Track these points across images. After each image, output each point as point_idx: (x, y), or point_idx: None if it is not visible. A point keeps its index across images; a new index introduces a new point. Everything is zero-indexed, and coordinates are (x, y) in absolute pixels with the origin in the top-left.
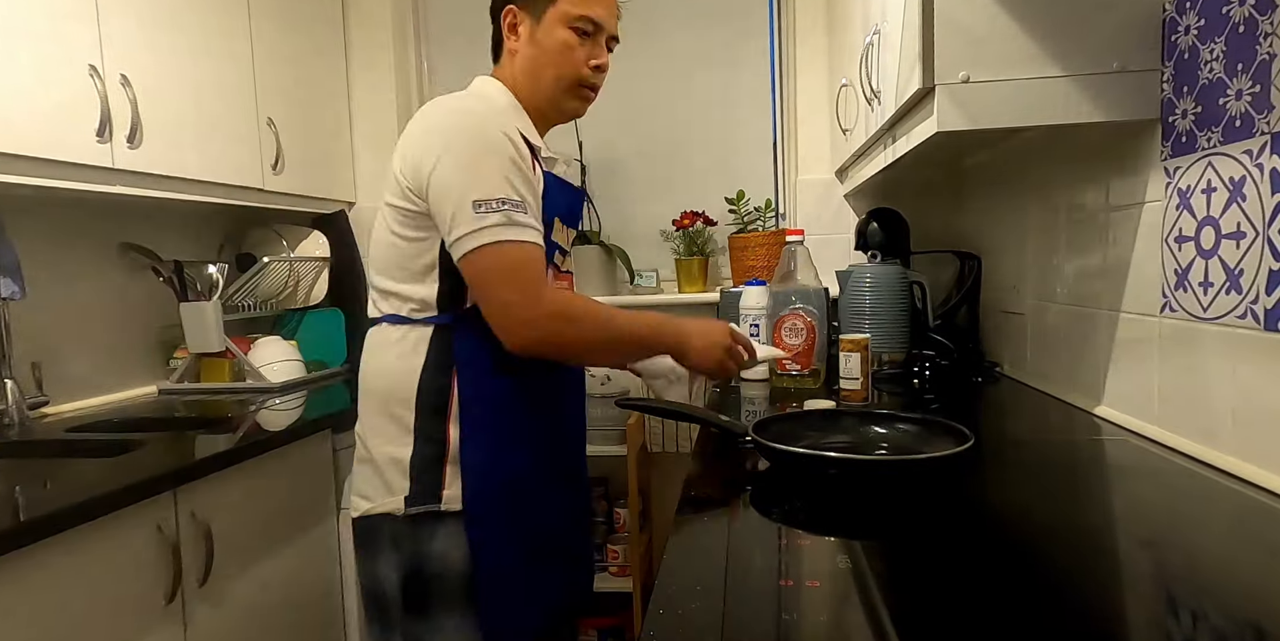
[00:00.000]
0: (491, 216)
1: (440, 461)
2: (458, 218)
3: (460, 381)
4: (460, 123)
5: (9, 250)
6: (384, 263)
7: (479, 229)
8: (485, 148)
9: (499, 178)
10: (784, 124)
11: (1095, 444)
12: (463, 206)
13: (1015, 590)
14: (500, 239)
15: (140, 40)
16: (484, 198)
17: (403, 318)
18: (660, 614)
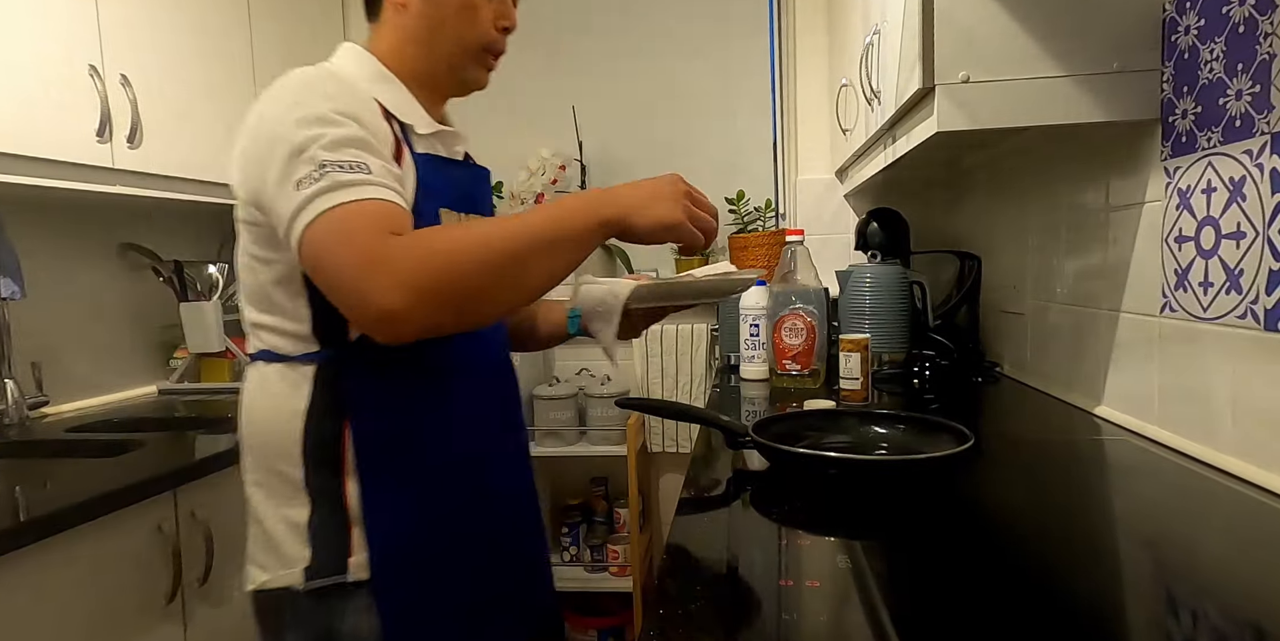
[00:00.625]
0: (311, 188)
1: (343, 524)
2: (283, 207)
3: (355, 427)
4: (276, 105)
5: (9, 250)
6: (248, 290)
7: (301, 207)
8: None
9: (319, 143)
10: (784, 124)
11: (1095, 444)
12: (284, 194)
13: (1015, 590)
14: (327, 206)
15: (140, 40)
16: (304, 173)
17: (278, 355)
18: (660, 614)
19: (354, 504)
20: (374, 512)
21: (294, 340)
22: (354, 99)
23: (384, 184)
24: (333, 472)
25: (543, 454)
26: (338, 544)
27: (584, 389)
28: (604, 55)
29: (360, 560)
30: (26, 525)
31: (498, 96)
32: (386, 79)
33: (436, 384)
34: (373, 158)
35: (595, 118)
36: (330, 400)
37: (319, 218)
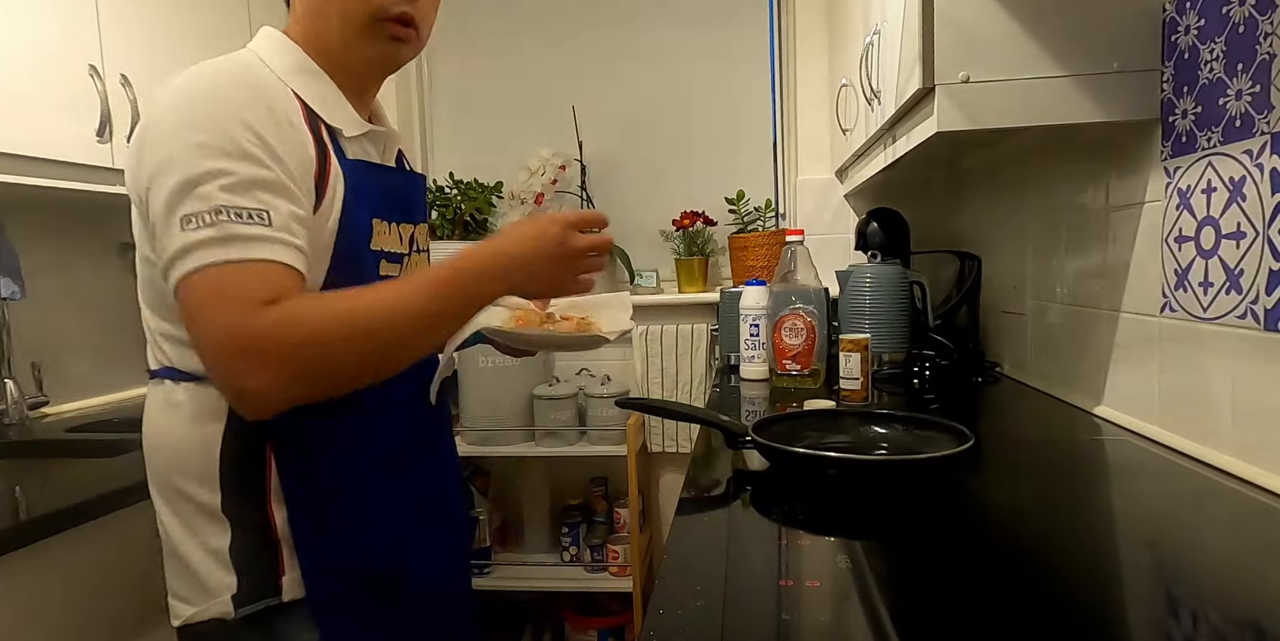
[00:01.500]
0: (199, 232)
1: (269, 545)
2: (165, 239)
3: (279, 452)
4: (174, 112)
5: (9, 250)
6: (145, 287)
7: (183, 252)
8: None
9: (217, 178)
10: (784, 124)
11: (1095, 444)
12: (169, 226)
13: (1015, 590)
14: (209, 261)
15: (140, 40)
16: (193, 211)
17: (185, 373)
18: (660, 614)
19: (281, 527)
20: (304, 534)
21: (193, 356)
22: (273, 107)
23: (281, 240)
24: (255, 497)
25: (543, 454)
26: (265, 565)
27: (584, 389)
28: (604, 55)
29: (293, 578)
30: (26, 525)
31: (498, 96)
32: (309, 71)
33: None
34: (280, 202)
35: (595, 118)
36: (250, 424)
37: (198, 272)
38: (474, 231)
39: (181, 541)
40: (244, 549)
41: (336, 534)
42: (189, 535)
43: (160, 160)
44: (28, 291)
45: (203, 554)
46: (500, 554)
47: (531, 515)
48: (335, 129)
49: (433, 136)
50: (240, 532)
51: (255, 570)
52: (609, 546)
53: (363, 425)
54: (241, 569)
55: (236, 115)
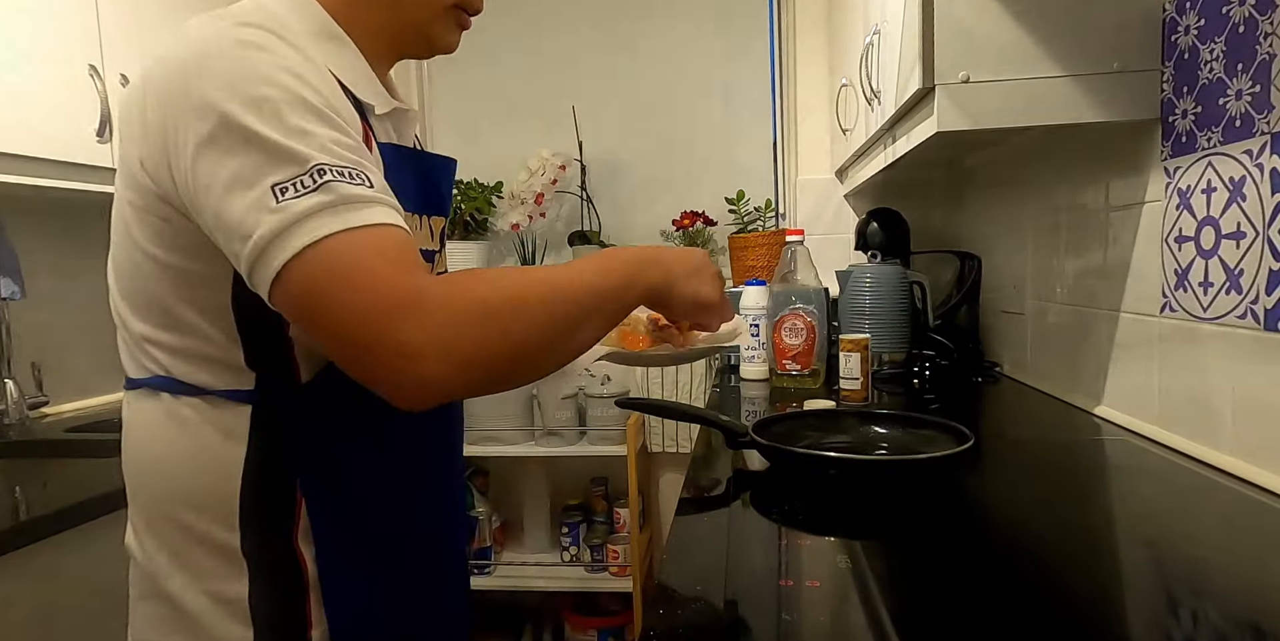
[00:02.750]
0: (305, 199)
1: (297, 595)
2: (244, 226)
3: (307, 479)
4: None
5: (9, 250)
6: (130, 292)
7: (285, 229)
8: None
9: (300, 137)
10: (784, 124)
11: (1095, 444)
12: (247, 206)
13: (1015, 590)
14: (329, 231)
15: (140, 40)
16: (287, 177)
17: (188, 385)
18: (660, 614)
19: (309, 570)
20: (333, 580)
21: (213, 369)
22: (316, 72)
23: (393, 205)
24: (281, 535)
25: (543, 454)
26: (291, 618)
27: (584, 389)
28: (604, 55)
29: (322, 632)
30: (26, 525)
31: (498, 96)
32: (335, 37)
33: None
34: (372, 168)
35: (595, 118)
36: (276, 450)
37: (315, 246)
38: (474, 231)
39: (178, 586)
40: (266, 598)
41: (370, 575)
42: (191, 579)
43: (210, 122)
44: (28, 291)
45: (208, 601)
46: (500, 554)
47: (531, 515)
48: (366, 105)
49: (433, 136)
50: (262, 577)
51: (278, 623)
52: (609, 546)
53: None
54: (261, 621)
55: (292, 68)
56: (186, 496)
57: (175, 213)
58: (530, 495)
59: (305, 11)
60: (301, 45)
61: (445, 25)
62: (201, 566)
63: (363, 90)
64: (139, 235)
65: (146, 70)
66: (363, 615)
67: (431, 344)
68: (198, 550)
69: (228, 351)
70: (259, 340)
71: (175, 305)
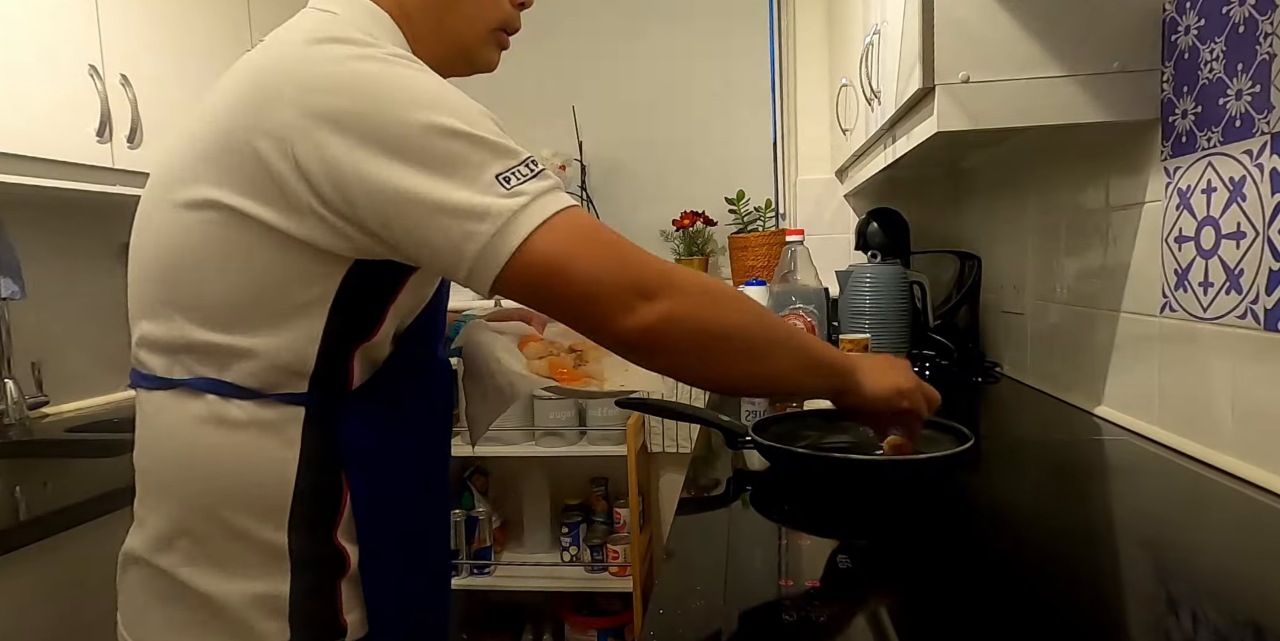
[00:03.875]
0: (533, 183)
1: (331, 585)
2: (479, 209)
3: (354, 481)
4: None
5: (9, 250)
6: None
7: (524, 206)
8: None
9: (501, 135)
10: (784, 124)
11: (1095, 444)
12: (476, 192)
13: (1015, 590)
14: (563, 205)
15: (140, 40)
16: (508, 167)
17: (241, 388)
18: (660, 614)
19: (352, 563)
20: (374, 575)
21: (272, 376)
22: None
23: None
24: (324, 532)
25: (543, 454)
26: (326, 608)
27: None
28: (604, 55)
29: (358, 617)
30: (26, 525)
31: (498, 96)
32: (406, 48)
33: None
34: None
35: (595, 118)
36: (326, 450)
37: (558, 215)
38: None
39: (215, 586)
40: (304, 592)
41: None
42: (227, 578)
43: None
44: (28, 291)
45: (242, 600)
46: (500, 554)
47: (531, 515)
48: None
49: None
50: (304, 573)
51: (313, 616)
52: (609, 546)
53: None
54: (297, 616)
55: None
56: (235, 497)
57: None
58: (530, 495)
59: (385, 27)
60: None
61: (490, 46)
62: (244, 565)
63: None
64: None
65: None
66: (395, 605)
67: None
68: (242, 549)
69: (300, 355)
70: (333, 347)
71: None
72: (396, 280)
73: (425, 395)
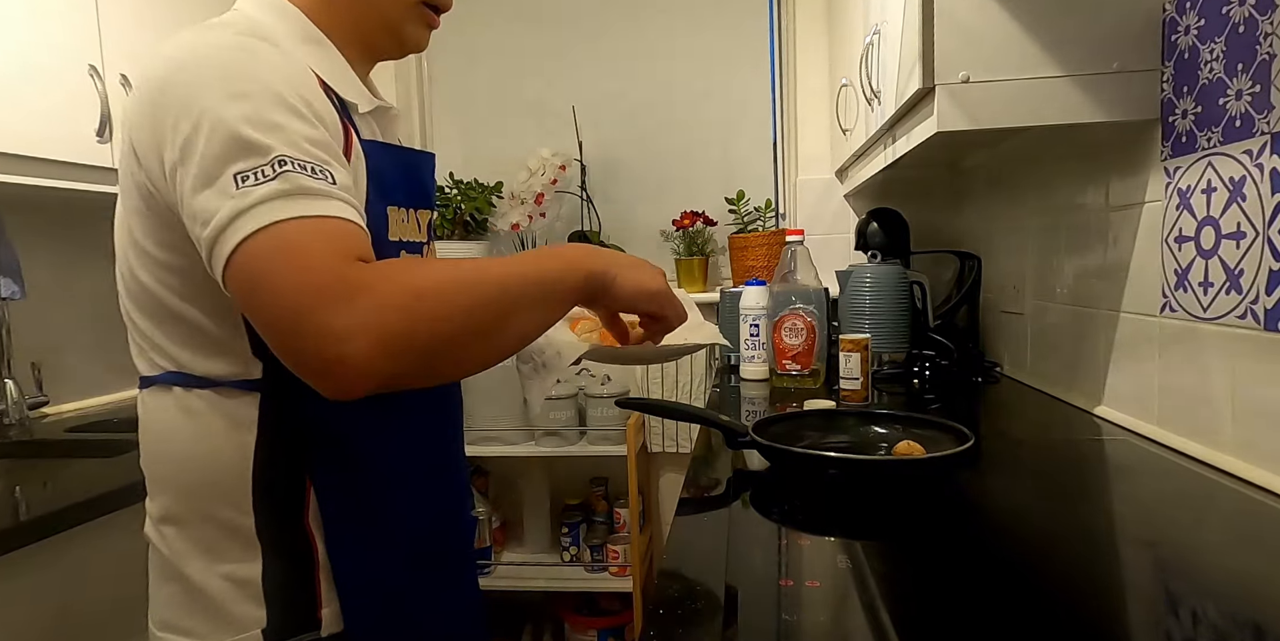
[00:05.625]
0: (262, 187)
1: (307, 574)
2: (206, 212)
3: (314, 461)
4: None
5: (9, 250)
6: (136, 293)
7: (240, 213)
8: (241, 95)
9: (271, 131)
10: (784, 124)
11: (1095, 444)
12: (214, 188)
13: (1015, 590)
14: (280, 217)
15: (140, 40)
16: (249, 166)
17: (199, 378)
18: (660, 614)
19: (321, 551)
20: (342, 558)
21: (222, 363)
22: (300, 68)
23: (350, 202)
24: (291, 516)
25: (543, 454)
26: (302, 597)
27: (584, 389)
28: (604, 55)
29: (333, 610)
30: (27, 525)
31: (498, 96)
32: (318, 41)
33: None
34: (335, 164)
35: (595, 118)
36: (284, 433)
37: (265, 230)
38: (474, 231)
39: (196, 569)
40: (279, 578)
41: (376, 553)
42: (209, 561)
43: (193, 117)
44: (28, 291)
45: (222, 582)
46: (500, 554)
47: (531, 515)
48: (350, 103)
49: (432, 136)
50: (275, 559)
51: (290, 602)
52: (609, 546)
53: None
54: (274, 600)
55: (274, 70)
56: (203, 483)
57: (170, 210)
58: (530, 495)
59: (288, 17)
60: (286, 49)
61: (415, 24)
62: (219, 549)
63: (345, 89)
64: (140, 235)
65: (144, 76)
66: (370, 594)
67: (358, 325)
68: (215, 533)
69: (233, 340)
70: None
71: (180, 300)
72: None
73: None
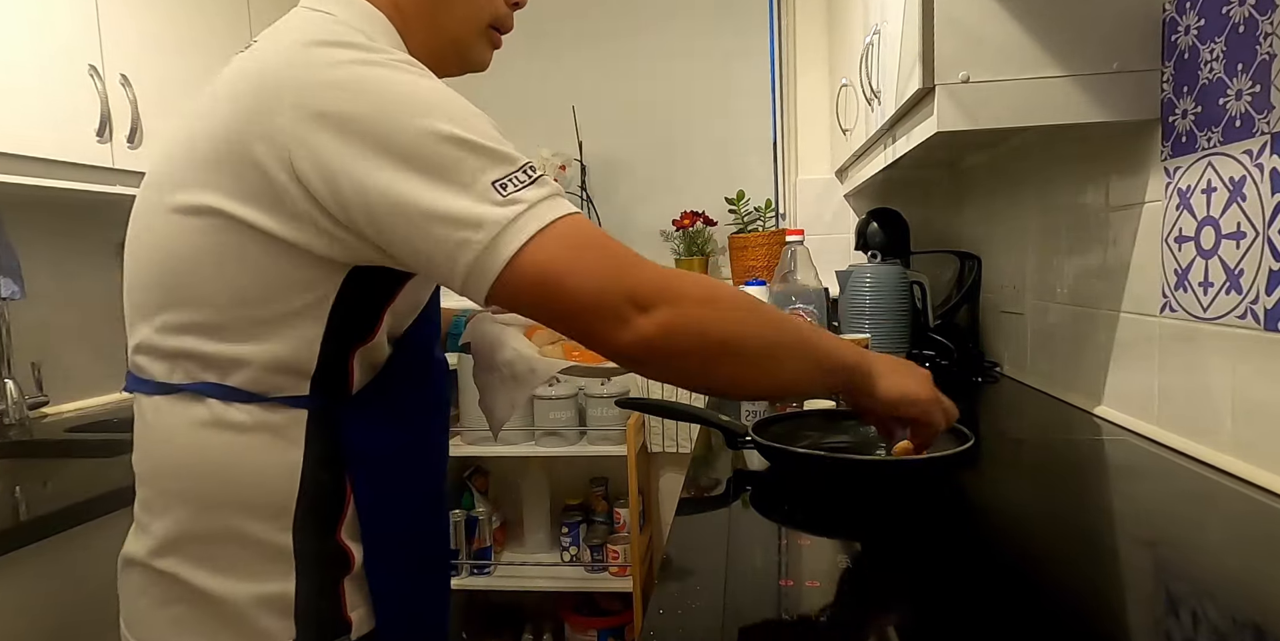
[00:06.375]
0: (530, 190)
1: (334, 583)
2: (474, 217)
3: (357, 480)
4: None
5: (9, 250)
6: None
7: (520, 215)
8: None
9: (498, 140)
10: (784, 124)
11: (1095, 444)
12: (472, 200)
13: (1015, 590)
14: (561, 213)
15: (140, 40)
16: (504, 174)
17: (243, 392)
18: (660, 614)
19: (356, 562)
20: (376, 572)
21: (274, 379)
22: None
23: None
24: (327, 531)
25: (543, 454)
26: (332, 604)
27: (584, 389)
28: (604, 55)
29: (363, 614)
30: (26, 525)
31: (498, 96)
32: (403, 50)
33: (421, 427)
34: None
35: (595, 118)
36: (330, 452)
37: (555, 224)
38: None
39: (221, 586)
40: (310, 591)
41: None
42: (236, 580)
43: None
44: (28, 291)
45: (248, 599)
46: (500, 554)
47: (531, 515)
48: None
49: None
50: (308, 573)
51: (317, 613)
52: (609, 546)
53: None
54: (302, 614)
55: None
56: (240, 500)
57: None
58: (530, 495)
59: (380, 28)
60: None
61: (482, 44)
62: (250, 567)
63: None
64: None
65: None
66: (399, 600)
67: (656, 306)
68: (246, 552)
69: (300, 358)
70: (334, 349)
71: (257, 314)
72: (394, 284)
73: (424, 394)
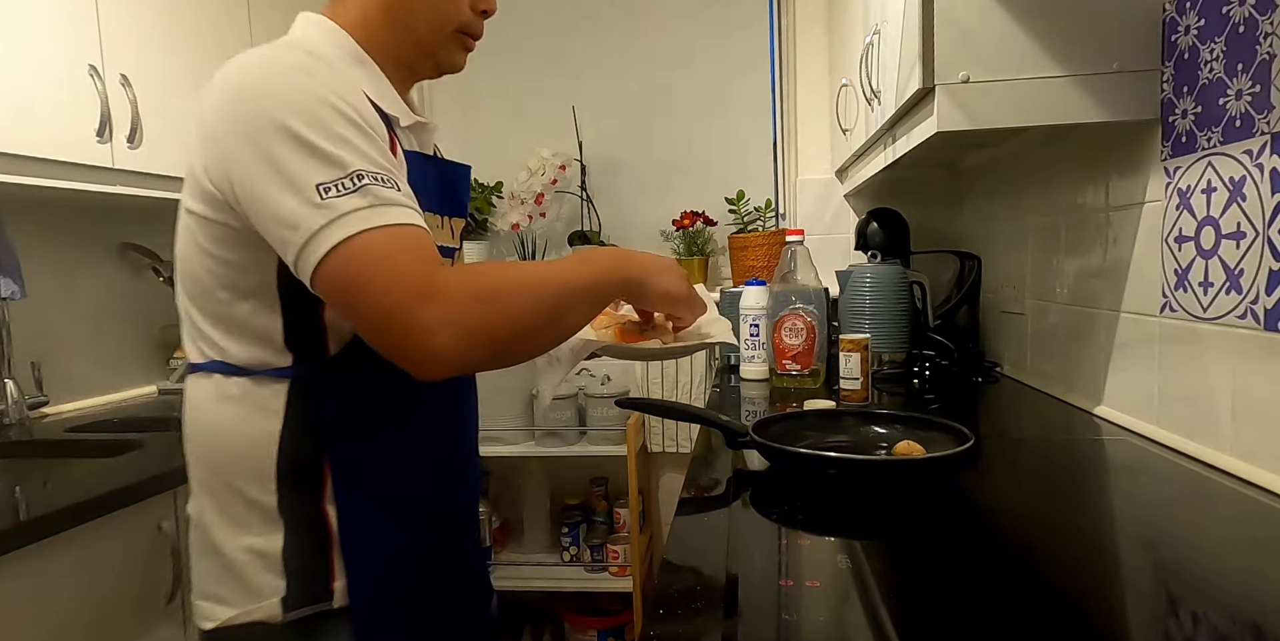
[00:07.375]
0: (345, 199)
1: (322, 549)
2: (293, 218)
3: (332, 447)
4: (267, 84)
5: (9, 250)
6: (195, 293)
7: (329, 223)
8: (310, 111)
9: (343, 145)
10: (784, 124)
11: (1095, 444)
12: (297, 202)
13: (1015, 590)
14: (368, 226)
15: (140, 40)
16: (329, 178)
17: (237, 367)
18: (660, 614)
19: (335, 530)
20: (352, 536)
21: (258, 352)
22: (352, 91)
23: (415, 208)
24: (311, 496)
25: (543, 454)
26: (317, 570)
27: (584, 389)
28: (604, 55)
29: (342, 585)
30: (26, 525)
31: (498, 96)
32: (364, 62)
33: (408, 397)
34: (400, 175)
35: (595, 118)
36: (307, 420)
37: (356, 237)
38: (474, 231)
39: (224, 540)
40: (297, 551)
41: (384, 535)
42: (236, 535)
43: (261, 134)
44: (28, 291)
45: (248, 555)
46: (500, 554)
47: (531, 515)
48: (392, 117)
49: None
50: (294, 534)
51: (306, 574)
52: (609, 546)
53: (411, 403)
54: (293, 571)
55: (329, 86)
56: (234, 463)
57: (235, 216)
58: (530, 495)
59: (337, 40)
60: (338, 69)
61: (452, 47)
62: (245, 521)
63: (388, 105)
64: (202, 239)
65: (216, 93)
66: (379, 569)
67: (444, 321)
68: (243, 509)
69: (270, 337)
70: (298, 324)
71: (227, 300)
72: None
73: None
